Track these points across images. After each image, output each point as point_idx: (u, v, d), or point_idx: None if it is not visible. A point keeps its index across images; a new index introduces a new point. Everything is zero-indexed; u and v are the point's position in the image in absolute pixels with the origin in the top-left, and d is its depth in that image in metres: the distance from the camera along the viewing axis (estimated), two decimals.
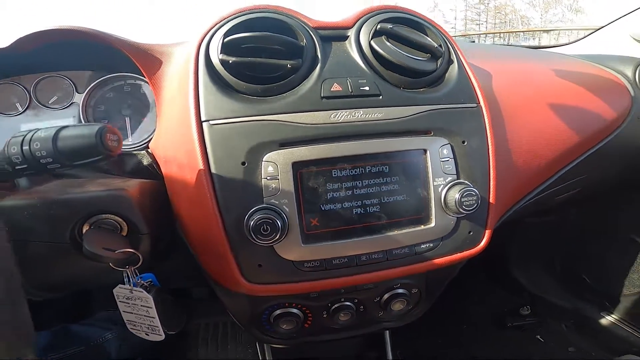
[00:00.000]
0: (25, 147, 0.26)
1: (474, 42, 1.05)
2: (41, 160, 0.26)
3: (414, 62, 0.39)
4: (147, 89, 0.54)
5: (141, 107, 0.54)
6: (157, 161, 0.44)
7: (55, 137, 0.26)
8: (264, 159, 0.33)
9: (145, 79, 0.47)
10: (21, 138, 0.26)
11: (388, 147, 0.35)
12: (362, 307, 0.44)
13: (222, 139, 0.33)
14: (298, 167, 0.33)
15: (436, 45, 0.41)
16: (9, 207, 0.32)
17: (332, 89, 0.35)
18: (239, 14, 0.38)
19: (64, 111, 0.54)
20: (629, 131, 0.61)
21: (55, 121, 0.55)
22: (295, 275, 0.35)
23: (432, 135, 0.37)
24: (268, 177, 0.33)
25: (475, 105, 0.39)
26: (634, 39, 0.84)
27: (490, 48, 0.75)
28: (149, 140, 0.49)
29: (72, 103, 0.54)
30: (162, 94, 0.43)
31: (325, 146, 0.34)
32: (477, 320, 0.98)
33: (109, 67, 0.54)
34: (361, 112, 0.35)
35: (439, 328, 0.91)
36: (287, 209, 0.33)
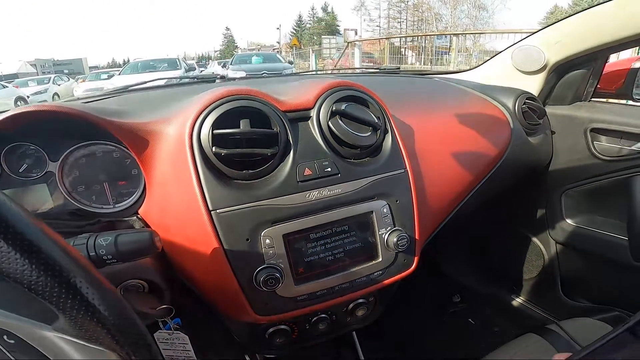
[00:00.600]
0: (92, 254, 0.34)
1: (398, 68, 1.20)
2: (104, 259, 0.34)
3: (360, 140, 0.53)
4: (119, 153, 0.55)
5: (115, 173, 0.55)
6: (149, 226, 0.52)
7: (116, 243, 0.34)
8: (262, 234, 0.45)
9: (116, 145, 0.53)
10: (84, 246, 0.34)
11: (347, 213, 0.50)
12: (334, 316, 0.59)
13: (228, 224, 0.44)
14: (287, 236, 0.46)
15: (376, 120, 0.54)
16: None
17: (304, 174, 0.48)
18: (223, 101, 0.47)
19: (37, 179, 0.53)
20: (510, 156, 0.81)
21: (29, 190, 0.56)
22: (291, 306, 0.48)
23: (375, 200, 0.52)
24: (266, 247, 0.45)
25: (403, 170, 0.55)
26: (516, 68, 1.05)
27: (413, 95, 0.90)
28: (133, 205, 0.54)
29: (47, 172, 0.53)
30: (153, 172, 0.50)
31: (304, 220, 0.47)
32: (422, 310, 1.18)
33: (80, 134, 0.53)
34: (327, 190, 0.49)
35: (394, 323, 1.09)
36: (282, 266, 0.46)
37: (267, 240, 0.45)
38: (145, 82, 0.93)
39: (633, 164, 0.82)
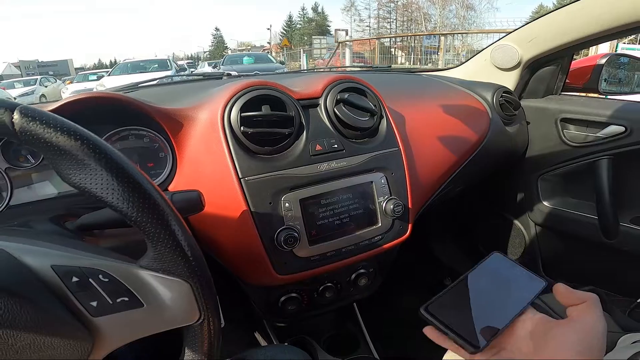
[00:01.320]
0: None
1: (390, 67, 1.31)
2: None
3: (361, 122, 0.62)
4: (148, 138, 0.61)
5: (145, 155, 0.61)
6: None
7: (172, 199, 0.42)
8: (282, 199, 0.54)
9: (148, 130, 0.61)
10: None
11: (351, 182, 0.59)
12: (339, 285, 0.68)
13: (254, 189, 0.53)
14: (303, 201, 0.55)
15: (373, 107, 0.64)
16: None
17: (316, 149, 0.57)
18: (247, 90, 0.56)
19: None
20: (489, 143, 0.91)
21: None
22: (306, 266, 0.57)
23: (374, 172, 0.61)
24: (286, 210, 0.54)
25: (396, 148, 0.64)
26: (495, 65, 1.17)
27: (403, 88, 0.99)
28: (162, 183, 0.61)
29: None
30: (185, 151, 0.59)
31: (317, 187, 0.56)
32: (416, 291, 1.28)
33: (115, 121, 0.61)
34: (334, 163, 0.58)
35: (390, 302, 1.17)
36: (299, 227, 0.54)
37: (287, 204, 0.54)
38: (154, 80, 1.01)
39: (598, 149, 0.94)
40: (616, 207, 0.94)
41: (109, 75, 9.16)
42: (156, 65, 9.37)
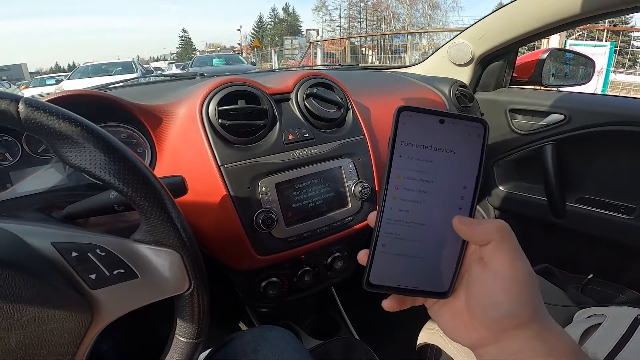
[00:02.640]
0: None
1: (358, 65, 1.38)
2: None
3: (329, 114, 0.68)
4: (126, 134, 0.63)
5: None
6: None
7: None
8: (259, 184, 0.59)
9: (125, 126, 0.64)
10: None
11: (322, 167, 0.65)
12: (317, 269, 0.73)
13: (233, 175, 0.57)
14: (278, 185, 0.60)
15: (340, 100, 0.70)
16: None
17: (289, 138, 0.63)
18: (224, 86, 0.61)
19: (54, 158, 0.65)
20: None
21: (48, 168, 0.65)
22: (284, 247, 0.62)
23: (343, 158, 0.67)
24: (263, 194, 0.59)
25: (362, 137, 0.71)
26: (451, 62, 1.28)
27: (369, 84, 1.05)
28: None
29: None
30: (165, 144, 0.62)
31: (291, 172, 0.62)
32: None
33: (90, 118, 0.66)
34: (306, 150, 0.64)
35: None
36: (276, 210, 0.59)
37: (264, 188, 0.59)
38: (125, 81, 1.03)
39: (543, 136, 1.05)
40: (563, 189, 1.05)
41: (68, 79, 8.75)
42: (120, 68, 9.04)
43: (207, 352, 0.55)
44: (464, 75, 1.13)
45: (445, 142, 0.26)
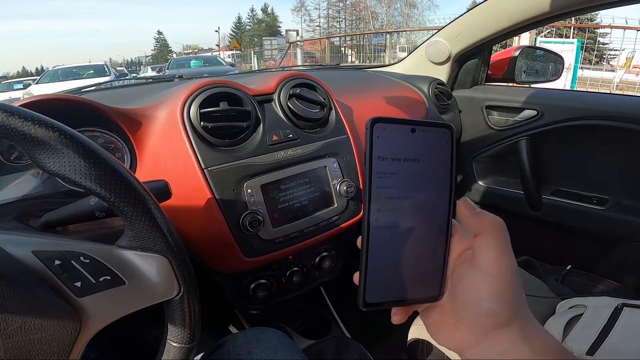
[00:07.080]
0: None
1: (338, 64, 1.39)
2: None
3: (312, 114, 0.68)
4: (103, 139, 0.62)
5: None
6: None
7: None
8: (244, 186, 0.58)
9: (101, 131, 0.62)
10: None
11: (307, 168, 0.65)
12: (305, 269, 0.73)
13: (218, 178, 0.57)
14: (264, 186, 0.60)
15: (323, 100, 0.71)
16: None
17: (273, 139, 0.62)
18: (205, 88, 0.60)
19: (27, 165, 0.62)
20: None
21: (22, 176, 0.63)
22: (271, 248, 0.62)
23: (327, 158, 0.68)
24: (248, 195, 0.58)
25: (345, 136, 0.72)
26: (430, 60, 1.30)
27: (350, 83, 1.06)
28: None
29: None
30: (145, 148, 0.61)
31: (276, 173, 0.62)
32: None
33: (67, 123, 0.64)
34: (290, 151, 0.64)
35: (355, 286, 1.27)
36: (262, 211, 0.59)
37: (249, 190, 0.58)
38: (98, 84, 1.00)
39: (517, 131, 1.09)
40: (538, 182, 1.10)
41: (37, 83, 8.39)
42: (92, 72, 8.72)
43: (199, 356, 0.54)
44: (442, 74, 1.16)
45: (418, 151, 0.27)
